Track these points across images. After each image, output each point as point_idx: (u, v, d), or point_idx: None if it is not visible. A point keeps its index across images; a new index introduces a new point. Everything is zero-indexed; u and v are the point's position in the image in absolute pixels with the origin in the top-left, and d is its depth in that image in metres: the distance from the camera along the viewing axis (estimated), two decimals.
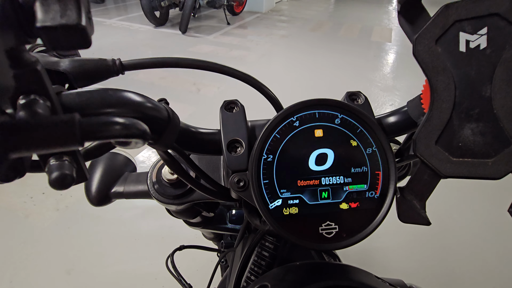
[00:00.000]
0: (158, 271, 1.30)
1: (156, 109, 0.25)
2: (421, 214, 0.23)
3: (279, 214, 0.24)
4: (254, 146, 0.25)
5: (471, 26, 0.21)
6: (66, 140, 0.13)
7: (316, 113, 0.25)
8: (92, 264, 1.32)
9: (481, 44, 0.20)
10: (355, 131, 0.25)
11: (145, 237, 1.44)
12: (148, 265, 1.33)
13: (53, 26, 0.12)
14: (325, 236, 0.24)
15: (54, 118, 0.13)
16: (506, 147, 0.21)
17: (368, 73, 3.21)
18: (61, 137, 0.13)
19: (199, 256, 1.26)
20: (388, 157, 0.24)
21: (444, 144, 0.22)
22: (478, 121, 0.21)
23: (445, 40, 0.21)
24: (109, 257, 1.36)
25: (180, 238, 1.26)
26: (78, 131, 0.13)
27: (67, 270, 1.29)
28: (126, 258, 1.36)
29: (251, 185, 0.24)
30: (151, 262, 1.33)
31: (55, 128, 0.13)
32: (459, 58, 0.21)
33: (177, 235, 1.44)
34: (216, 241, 0.89)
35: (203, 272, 1.25)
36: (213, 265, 0.93)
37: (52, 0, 0.12)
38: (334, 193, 0.24)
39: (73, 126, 0.13)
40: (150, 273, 1.30)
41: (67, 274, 1.28)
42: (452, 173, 0.22)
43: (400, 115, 0.31)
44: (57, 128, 0.13)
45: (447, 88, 0.22)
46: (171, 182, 0.40)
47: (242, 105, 0.30)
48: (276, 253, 0.37)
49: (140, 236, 1.45)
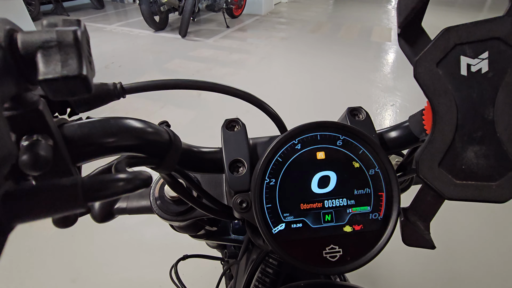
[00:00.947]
0: (162, 279, 1.30)
1: (157, 133, 0.25)
2: (425, 237, 0.23)
3: (282, 239, 0.24)
4: (256, 169, 0.25)
5: (472, 50, 0.20)
6: (70, 204, 0.13)
7: (318, 135, 0.25)
8: (96, 272, 1.32)
9: (482, 68, 0.20)
10: (357, 152, 0.25)
11: (149, 245, 1.45)
12: (152, 272, 1.33)
13: (55, 78, 0.12)
14: (330, 260, 0.23)
15: (56, 183, 0.13)
16: (509, 170, 0.20)
17: (369, 74, 3.21)
18: (65, 201, 0.13)
19: (203, 263, 1.26)
20: (391, 178, 0.24)
21: (447, 166, 0.22)
22: (481, 144, 0.21)
23: (446, 63, 0.21)
24: (113, 265, 1.36)
25: (184, 246, 1.25)
26: (81, 193, 0.13)
27: (72, 279, 1.29)
28: (130, 266, 1.36)
29: (253, 211, 0.23)
30: (155, 270, 1.33)
31: (59, 193, 0.13)
32: (461, 81, 0.21)
33: (180, 242, 1.44)
34: (219, 249, 0.89)
35: (207, 279, 1.25)
36: (216, 272, 0.92)
37: (53, 50, 0.13)
38: (338, 215, 0.24)
39: (76, 189, 0.13)
40: (154, 281, 1.30)
41: (72, 282, 1.28)
42: (456, 195, 0.22)
43: (402, 130, 0.31)
44: (61, 194, 0.13)
45: (449, 111, 0.21)
46: (173, 199, 0.40)
47: (243, 124, 0.30)
48: (281, 269, 0.36)
49: (144, 243, 1.45)
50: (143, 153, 0.24)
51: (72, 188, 0.13)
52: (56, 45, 0.13)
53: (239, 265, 0.48)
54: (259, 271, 0.36)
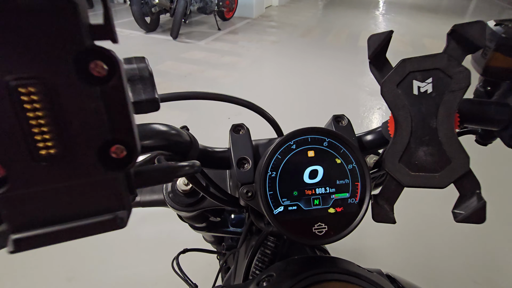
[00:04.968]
0: (158, 276, 1.33)
1: (179, 135, 0.32)
2: (390, 215, 0.30)
3: (281, 218, 0.30)
4: (261, 164, 0.31)
5: (421, 76, 0.28)
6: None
7: (309, 138, 0.31)
8: (92, 270, 1.33)
9: (428, 90, 0.28)
10: (339, 151, 0.32)
11: (145, 243, 1.47)
12: (148, 270, 1.35)
13: (140, 100, 0.19)
14: (318, 234, 0.30)
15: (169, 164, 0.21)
16: (448, 164, 0.28)
17: (357, 78, 3.31)
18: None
19: (198, 259, 1.31)
20: (364, 172, 0.31)
21: (405, 162, 0.29)
22: (428, 145, 0.29)
23: (403, 85, 0.29)
24: (109, 263, 1.37)
25: (178, 243, 1.28)
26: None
27: (68, 278, 1.30)
28: (126, 264, 1.38)
29: (258, 196, 0.30)
30: (151, 268, 1.36)
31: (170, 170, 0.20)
32: (414, 99, 0.28)
33: (175, 241, 1.47)
34: (215, 244, 0.95)
35: (203, 273, 1.30)
36: (211, 267, 0.96)
37: (136, 81, 0.19)
38: (324, 200, 0.31)
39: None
40: (150, 278, 1.32)
41: (68, 281, 1.28)
42: (411, 184, 0.29)
43: (376, 134, 0.38)
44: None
45: (406, 121, 0.29)
46: (184, 192, 0.46)
47: (247, 128, 0.37)
48: (277, 250, 0.43)
49: (140, 242, 1.47)
50: (170, 151, 0.30)
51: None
52: (138, 78, 0.19)
53: (239, 252, 0.54)
54: (259, 253, 0.43)
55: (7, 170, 0.14)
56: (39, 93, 0.13)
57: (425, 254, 1.46)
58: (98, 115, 0.14)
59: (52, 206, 0.15)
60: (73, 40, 0.13)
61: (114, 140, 0.15)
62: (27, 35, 0.12)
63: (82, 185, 0.15)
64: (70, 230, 0.15)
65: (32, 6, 0.12)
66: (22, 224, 0.14)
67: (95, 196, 0.16)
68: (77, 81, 0.14)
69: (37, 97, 0.13)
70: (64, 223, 0.15)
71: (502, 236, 1.54)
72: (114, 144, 0.15)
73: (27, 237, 0.15)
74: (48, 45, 0.13)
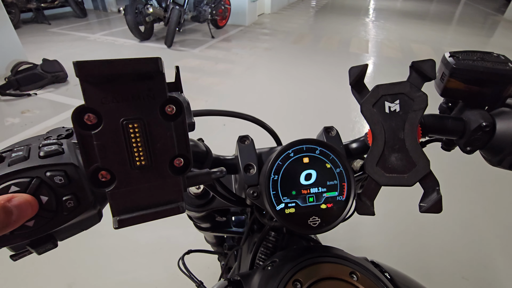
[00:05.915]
0: (158, 280, 1.35)
1: (197, 146, 0.38)
2: (370, 209, 0.37)
3: (282, 213, 0.37)
4: (265, 169, 0.38)
5: (391, 98, 0.35)
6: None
7: (304, 147, 0.38)
8: (92, 277, 1.35)
9: (396, 109, 0.35)
10: (329, 158, 0.39)
11: (144, 249, 1.49)
12: (147, 275, 1.37)
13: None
14: (312, 226, 0.37)
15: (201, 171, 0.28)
16: (413, 167, 0.35)
17: (348, 84, 3.41)
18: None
19: (198, 261, 1.36)
20: (350, 174, 0.38)
21: (381, 165, 0.37)
22: (398, 152, 0.36)
23: (378, 105, 0.36)
24: (109, 269, 1.39)
25: (177, 249, 1.27)
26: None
27: (68, 284, 1.31)
28: (126, 269, 1.39)
29: (263, 196, 0.37)
30: (150, 272, 1.38)
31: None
32: (386, 116, 0.36)
33: (173, 246, 1.50)
34: (216, 246, 1.01)
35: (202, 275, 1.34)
36: (209, 270, 1.00)
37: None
38: (317, 198, 0.38)
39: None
40: (149, 283, 1.34)
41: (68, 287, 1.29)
42: (386, 183, 0.36)
43: (360, 142, 0.45)
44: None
45: (380, 133, 0.36)
46: (196, 195, 0.52)
47: (251, 138, 0.43)
48: (277, 244, 0.50)
49: (139, 247, 1.49)
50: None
51: None
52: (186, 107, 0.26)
53: (242, 248, 0.61)
54: (262, 246, 0.50)
55: (116, 174, 0.21)
56: (139, 127, 0.21)
57: (415, 249, 1.54)
58: (171, 139, 0.22)
59: (141, 198, 0.22)
60: (161, 95, 0.20)
61: (178, 155, 0.22)
62: (136, 92, 0.19)
63: (159, 185, 0.22)
64: (151, 214, 0.22)
65: (143, 76, 0.19)
66: (122, 210, 0.21)
67: (166, 192, 0.23)
68: (160, 118, 0.21)
69: (137, 129, 0.21)
70: (147, 209, 0.22)
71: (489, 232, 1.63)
72: (177, 157, 0.22)
73: (126, 219, 0.22)
74: (147, 98, 0.20)
